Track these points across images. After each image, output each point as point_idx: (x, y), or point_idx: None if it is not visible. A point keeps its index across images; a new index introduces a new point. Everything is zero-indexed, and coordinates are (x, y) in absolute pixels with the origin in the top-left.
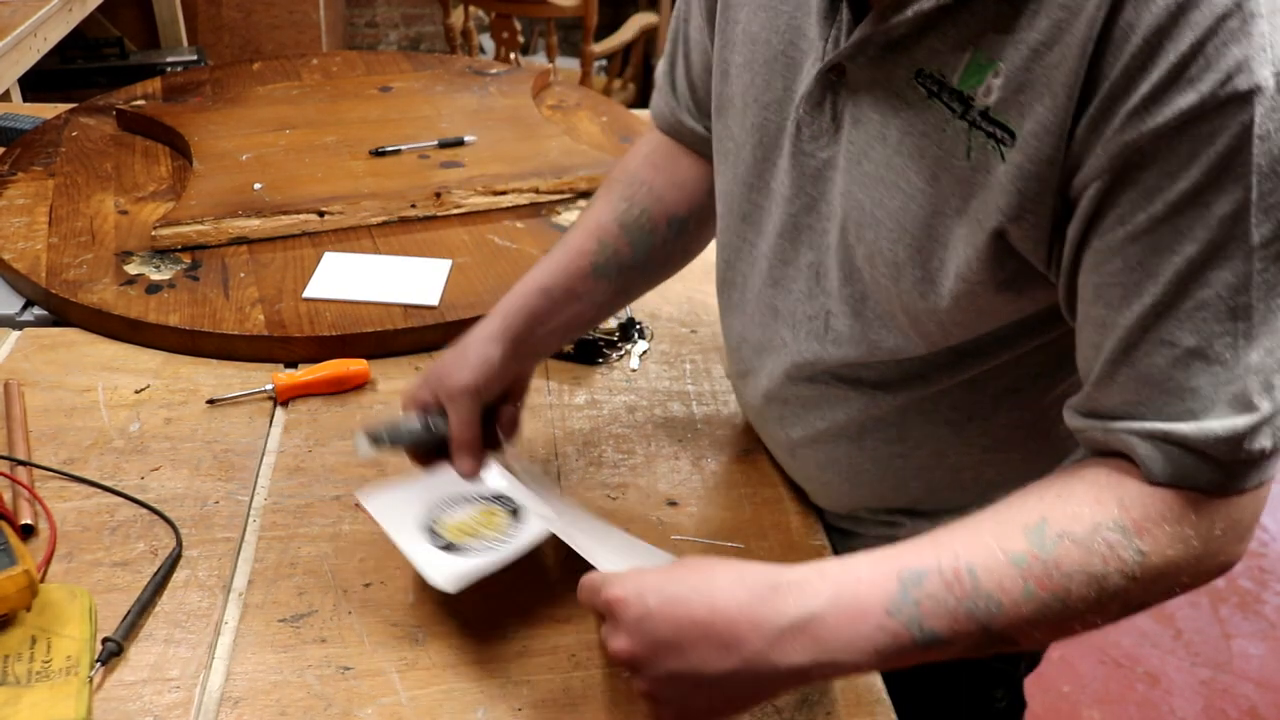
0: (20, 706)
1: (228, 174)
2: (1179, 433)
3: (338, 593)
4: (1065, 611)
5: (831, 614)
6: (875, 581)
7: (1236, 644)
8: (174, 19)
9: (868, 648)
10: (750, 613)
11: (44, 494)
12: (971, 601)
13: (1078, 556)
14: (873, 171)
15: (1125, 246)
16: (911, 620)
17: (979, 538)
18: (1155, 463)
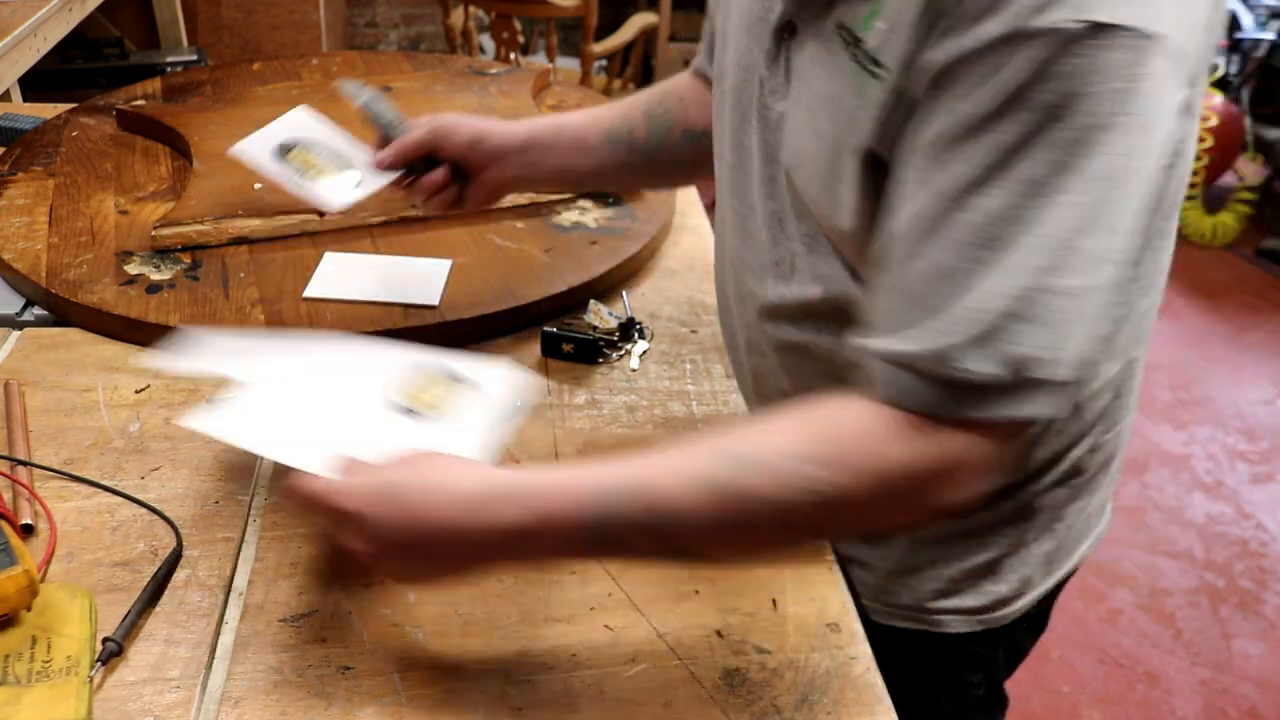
0: (20, 706)
1: (228, 174)
2: (895, 349)
3: (338, 593)
4: (748, 533)
5: (535, 528)
6: (573, 501)
7: (1236, 644)
8: (174, 19)
9: (566, 552)
10: (466, 523)
11: (44, 494)
12: (657, 519)
13: (765, 484)
14: (804, 118)
15: (912, 159)
16: (602, 533)
17: (680, 460)
18: (880, 381)
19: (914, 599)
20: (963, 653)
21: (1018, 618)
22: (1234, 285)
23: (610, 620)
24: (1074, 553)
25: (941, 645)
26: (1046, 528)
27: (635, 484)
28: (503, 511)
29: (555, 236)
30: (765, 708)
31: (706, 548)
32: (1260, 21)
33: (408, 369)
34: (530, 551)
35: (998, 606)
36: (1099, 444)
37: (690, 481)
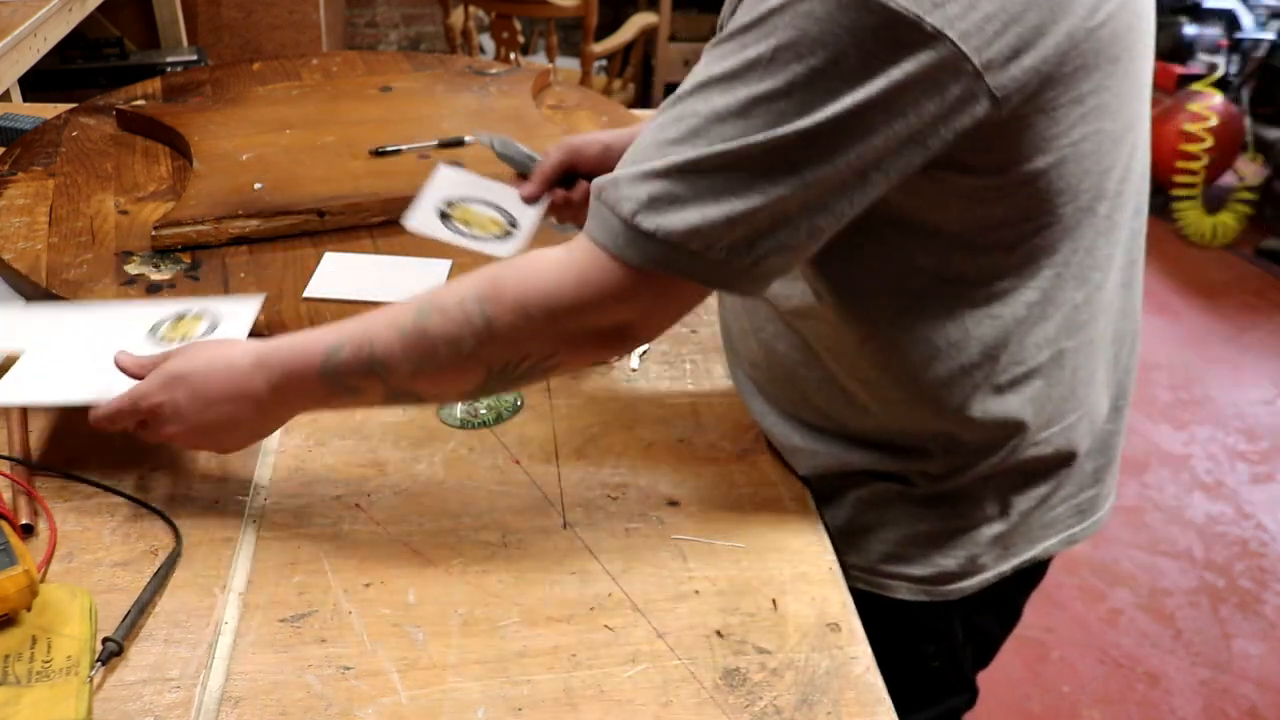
0: (20, 706)
1: (228, 174)
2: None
3: (338, 593)
4: (437, 368)
5: (287, 383)
6: (311, 354)
7: (1236, 644)
8: (174, 19)
9: (317, 401)
10: (243, 391)
11: (44, 494)
12: (370, 363)
13: (440, 323)
14: None
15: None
16: (335, 379)
17: (386, 313)
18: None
19: (864, 560)
20: (914, 621)
21: (970, 596)
22: (1234, 285)
23: (610, 620)
24: (1035, 544)
25: (892, 610)
26: (994, 513)
27: (355, 337)
28: (256, 377)
29: (555, 236)
30: (765, 708)
31: (415, 386)
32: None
33: (166, 315)
34: (290, 403)
35: (945, 580)
36: (1038, 438)
37: (391, 329)
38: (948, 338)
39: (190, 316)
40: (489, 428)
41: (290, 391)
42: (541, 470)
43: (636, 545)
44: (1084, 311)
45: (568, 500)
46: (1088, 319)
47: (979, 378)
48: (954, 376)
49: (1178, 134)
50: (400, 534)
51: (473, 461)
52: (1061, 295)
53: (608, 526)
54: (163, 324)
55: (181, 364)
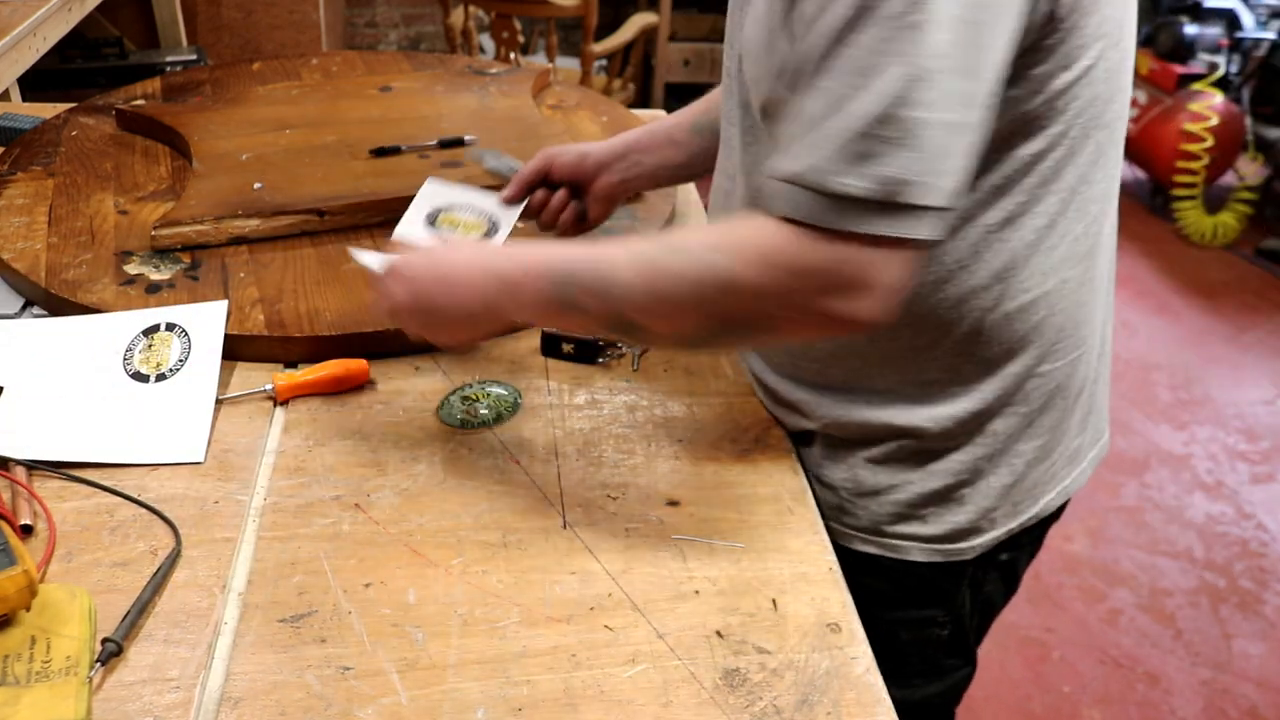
0: (20, 707)
1: (227, 174)
2: (782, 168)
3: (338, 592)
4: (670, 306)
5: (518, 277)
6: (546, 261)
7: (1237, 644)
8: (174, 19)
9: (538, 306)
10: (475, 266)
11: (43, 494)
12: (603, 286)
13: (681, 264)
14: (752, 18)
15: (810, 12)
16: (563, 289)
17: (631, 244)
18: (773, 198)
19: (872, 520)
20: (923, 583)
21: (980, 555)
22: (1234, 285)
23: (610, 620)
24: (1038, 498)
25: (901, 572)
26: (1001, 460)
27: (591, 254)
28: (499, 260)
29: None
30: (765, 708)
31: (640, 318)
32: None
33: (135, 338)
34: (517, 300)
35: (958, 537)
36: (1040, 370)
37: (628, 256)
38: (958, 260)
39: (159, 336)
40: (489, 428)
41: (521, 288)
42: (541, 470)
43: (636, 545)
44: (1083, 243)
45: (568, 500)
46: (1087, 251)
47: (988, 300)
48: (963, 298)
49: (1178, 134)
50: (400, 534)
51: (473, 461)
52: (1065, 224)
53: (608, 526)
54: (134, 352)
55: (437, 251)
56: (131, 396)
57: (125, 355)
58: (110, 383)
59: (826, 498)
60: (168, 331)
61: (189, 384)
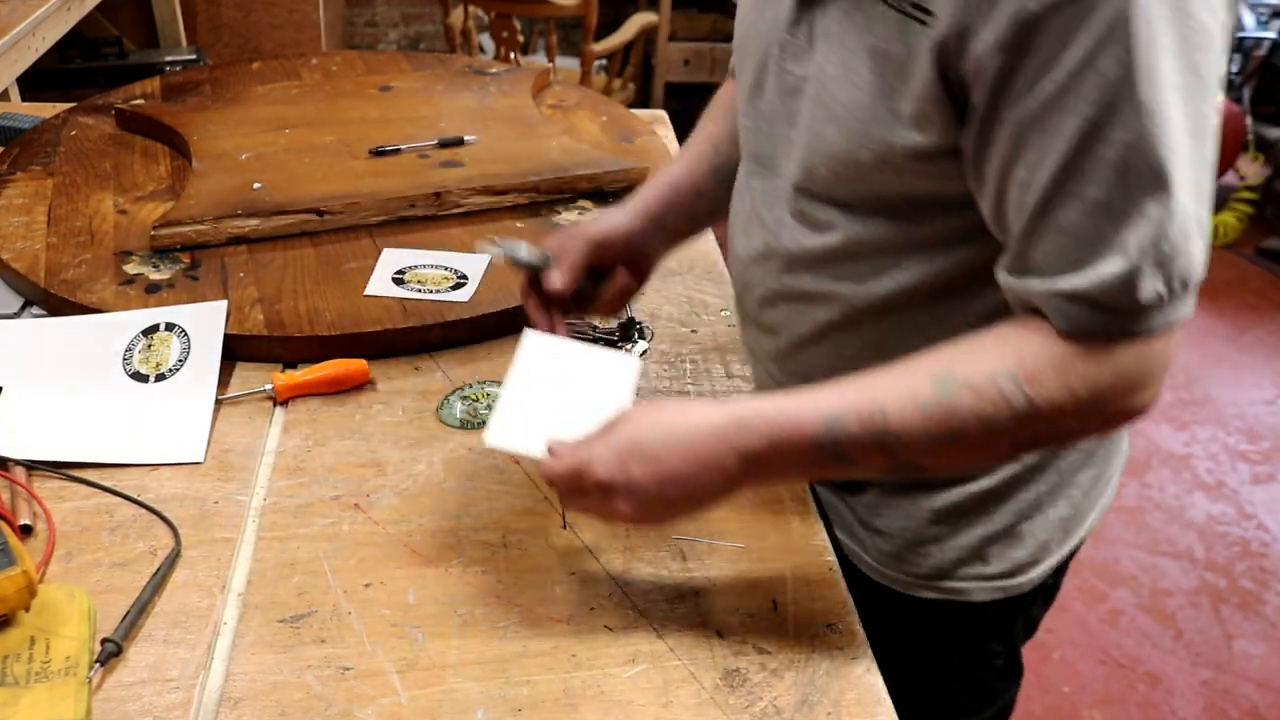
0: (19, 707)
1: (227, 174)
2: (1075, 286)
3: (338, 593)
4: (960, 446)
5: (769, 453)
6: (805, 423)
7: (1238, 644)
8: (173, 18)
9: (798, 472)
10: (711, 462)
11: (43, 494)
12: (880, 437)
13: (972, 401)
14: (833, 74)
15: (1037, 112)
16: (832, 451)
17: (894, 383)
18: (1058, 316)
19: (936, 567)
20: (986, 621)
21: (1037, 585)
22: (1234, 285)
23: (610, 620)
24: (1085, 521)
25: (965, 614)
26: (1061, 492)
27: (861, 408)
28: (726, 447)
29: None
30: (765, 708)
31: (923, 460)
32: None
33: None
34: (766, 474)
35: (1018, 572)
36: None
37: (907, 401)
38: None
39: (159, 336)
40: None
41: (771, 462)
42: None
43: (636, 545)
44: None
45: None
46: None
47: None
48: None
49: None
50: (400, 534)
51: (473, 461)
52: None
53: (608, 526)
54: (134, 352)
55: (632, 433)
56: (131, 396)
57: (125, 355)
58: (110, 383)
59: (879, 545)
60: (167, 331)
61: (188, 384)
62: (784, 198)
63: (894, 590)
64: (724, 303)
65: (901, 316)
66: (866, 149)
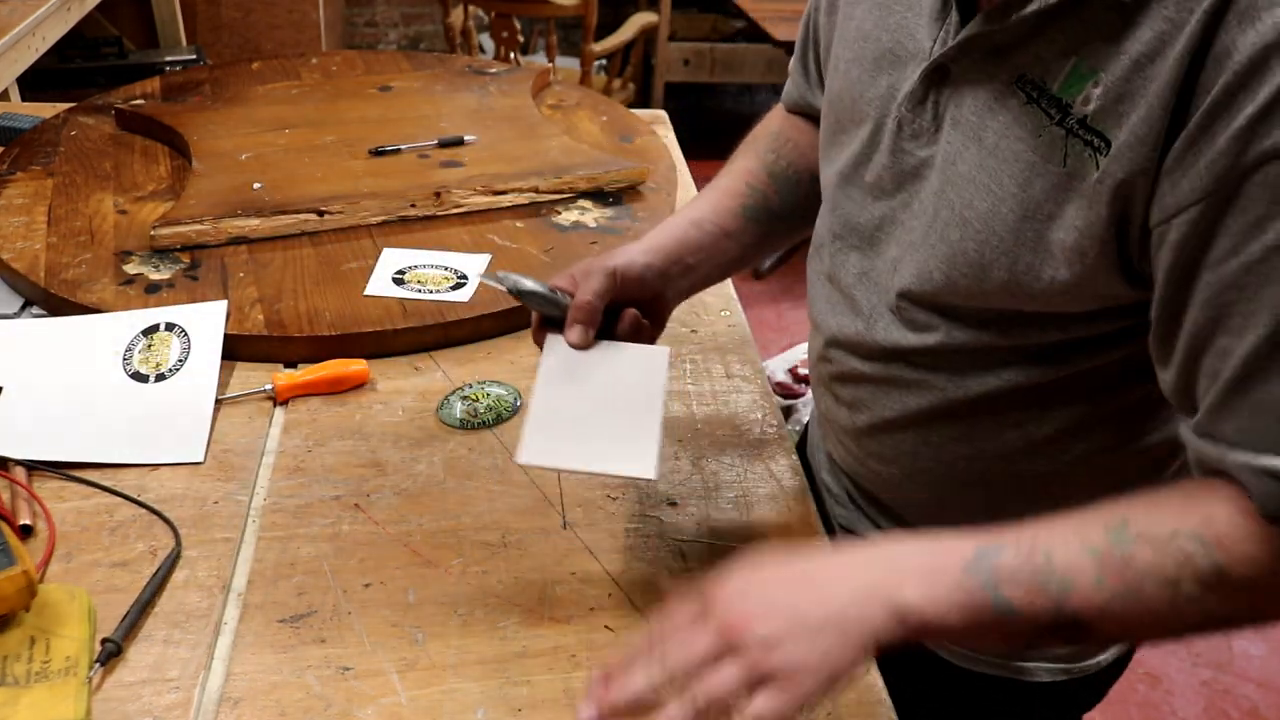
0: (19, 707)
1: (227, 174)
2: (1278, 467)
3: (338, 593)
4: (1138, 608)
5: (911, 562)
6: (953, 548)
7: (1238, 645)
8: (173, 18)
9: (956, 619)
10: (854, 616)
11: (43, 494)
12: (1045, 577)
13: (1150, 556)
14: (966, 173)
15: (1242, 276)
16: (987, 583)
17: (1059, 528)
18: (1264, 497)
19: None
20: (1048, 700)
21: (1106, 666)
22: None
23: (610, 620)
24: None
25: (1027, 695)
26: None
27: (1019, 539)
28: (881, 550)
29: (555, 236)
30: None
31: (1096, 619)
32: None
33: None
34: (919, 616)
35: (1086, 655)
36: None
37: (1077, 544)
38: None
39: (159, 336)
40: (489, 428)
41: (913, 570)
42: (541, 470)
43: (636, 545)
44: None
45: (568, 500)
46: None
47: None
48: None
49: None
50: (400, 534)
51: (473, 461)
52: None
53: (608, 526)
54: (134, 352)
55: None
56: (131, 396)
57: (125, 355)
58: (110, 383)
59: None
60: (167, 331)
61: (188, 384)
62: (884, 286)
63: (953, 664)
64: (724, 303)
65: (1001, 413)
66: (1002, 269)
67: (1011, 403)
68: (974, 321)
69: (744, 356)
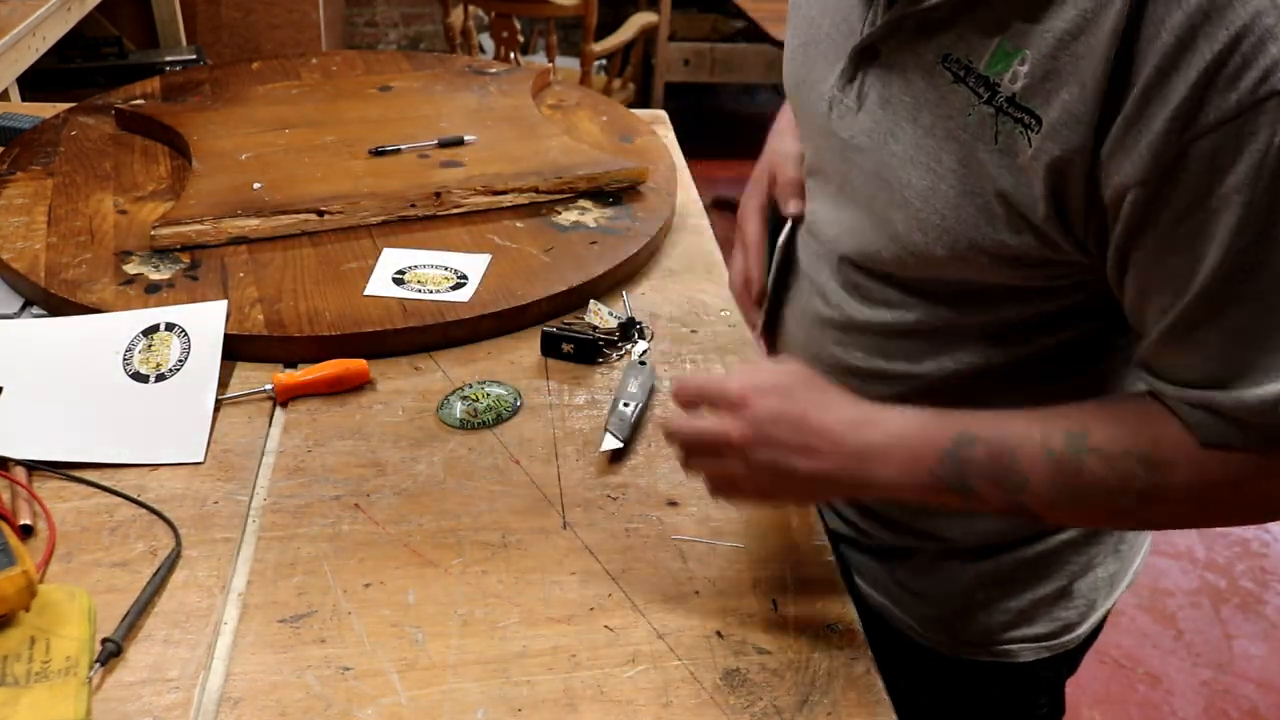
0: (19, 707)
1: (227, 174)
2: (1215, 402)
3: (337, 593)
4: (1081, 506)
5: (894, 452)
6: (933, 435)
7: (1238, 644)
8: (173, 18)
9: (914, 484)
10: (840, 436)
11: (43, 494)
12: (1007, 473)
13: (1099, 470)
14: (901, 152)
15: (1185, 241)
16: (956, 474)
17: (1028, 426)
18: (1196, 426)
19: (982, 631)
20: (1033, 679)
21: (1084, 639)
22: None
23: (610, 620)
24: (1130, 570)
25: (1012, 674)
26: (1112, 550)
27: (991, 437)
28: (873, 430)
29: (555, 236)
30: (765, 708)
31: (1042, 510)
32: None
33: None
34: (882, 474)
35: (1066, 631)
36: None
37: (1037, 447)
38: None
39: (159, 336)
40: (489, 428)
41: (893, 460)
42: (541, 470)
43: (636, 545)
44: None
45: (568, 500)
46: None
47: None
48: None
49: None
50: (400, 534)
51: (473, 461)
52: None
53: (608, 526)
54: (134, 352)
55: (776, 403)
56: (131, 396)
57: (125, 355)
58: (110, 383)
59: (921, 610)
60: (167, 331)
61: (189, 384)
62: (831, 266)
63: (938, 653)
64: (724, 303)
65: (960, 402)
66: (944, 246)
67: (971, 389)
68: (928, 298)
69: (744, 357)
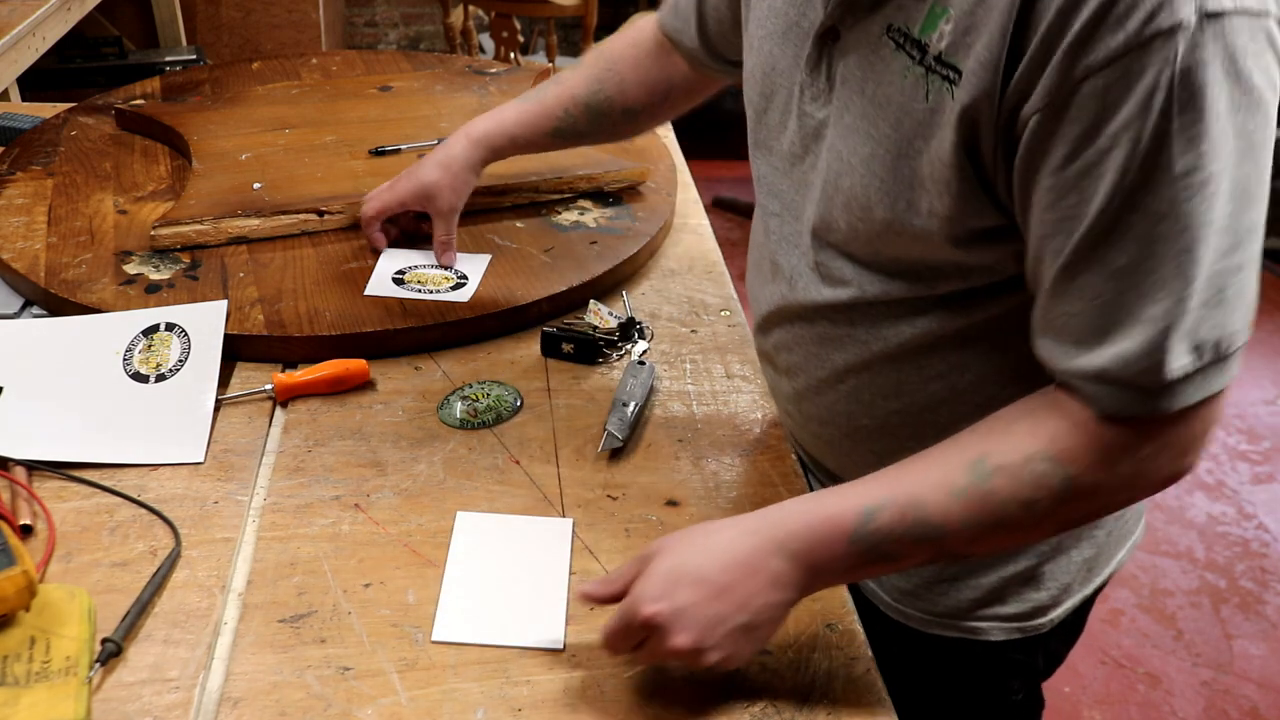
0: (19, 707)
1: (227, 174)
2: (1100, 366)
3: (337, 593)
4: (1001, 531)
5: (812, 549)
6: (841, 517)
7: (1238, 645)
8: (173, 18)
9: (846, 570)
10: (756, 565)
11: (43, 494)
12: (919, 529)
13: (1009, 487)
14: (851, 123)
15: (1076, 178)
16: (871, 547)
17: (928, 473)
18: (1090, 399)
19: (953, 607)
20: (1004, 660)
21: (1057, 625)
22: None
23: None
24: (1112, 559)
25: (982, 653)
26: (1085, 534)
27: (895, 500)
28: (779, 538)
29: (555, 236)
30: (765, 708)
31: (966, 548)
32: None
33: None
34: (816, 573)
35: (1037, 614)
36: None
37: (941, 491)
38: None
39: (159, 336)
40: (489, 428)
41: (817, 558)
42: (541, 470)
43: (636, 545)
44: None
45: (568, 500)
46: None
47: None
48: None
49: None
50: (400, 534)
51: (473, 461)
52: None
53: (608, 526)
54: (134, 352)
55: (669, 561)
56: (131, 396)
57: (125, 355)
58: (110, 383)
59: (895, 583)
60: (167, 331)
61: (189, 384)
62: (803, 246)
63: (910, 628)
64: (724, 303)
65: (922, 362)
66: (883, 207)
67: (930, 352)
68: (883, 273)
69: (744, 356)
